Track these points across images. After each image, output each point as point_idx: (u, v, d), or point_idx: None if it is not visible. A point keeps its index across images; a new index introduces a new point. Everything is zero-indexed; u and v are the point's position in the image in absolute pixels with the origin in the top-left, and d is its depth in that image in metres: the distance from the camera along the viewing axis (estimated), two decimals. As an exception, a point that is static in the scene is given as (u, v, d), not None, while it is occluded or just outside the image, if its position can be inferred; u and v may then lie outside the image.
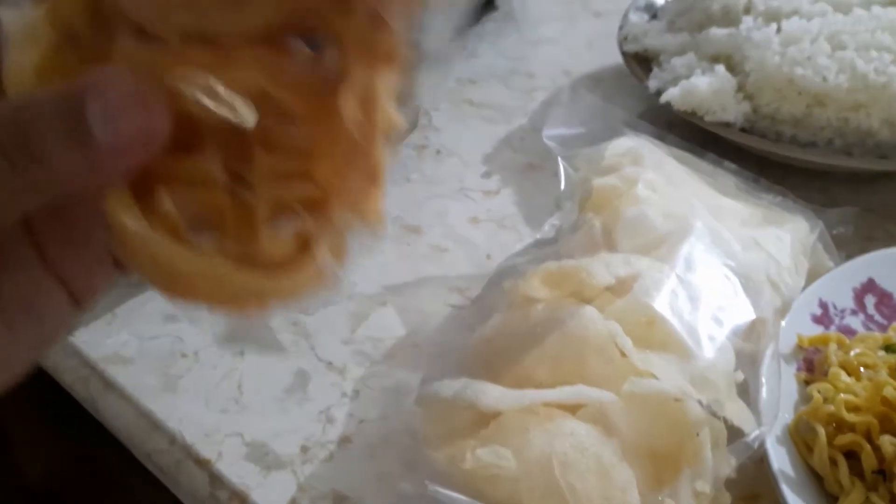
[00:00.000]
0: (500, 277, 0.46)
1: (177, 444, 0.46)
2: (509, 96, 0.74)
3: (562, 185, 0.52)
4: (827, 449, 0.39)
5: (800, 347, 0.45)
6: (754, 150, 0.60)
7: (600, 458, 0.36)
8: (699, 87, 0.60)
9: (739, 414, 0.39)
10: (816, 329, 0.46)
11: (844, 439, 0.39)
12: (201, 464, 0.45)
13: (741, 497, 0.40)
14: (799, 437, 0.41)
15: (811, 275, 0.48)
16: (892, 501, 0.37)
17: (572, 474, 0.36)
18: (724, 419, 0.38)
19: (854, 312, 0.48)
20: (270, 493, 0.43)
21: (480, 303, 0.46)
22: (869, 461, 0.38)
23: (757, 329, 0.42)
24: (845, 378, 0.42)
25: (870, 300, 0.48)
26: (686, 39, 0.66)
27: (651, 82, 0.65)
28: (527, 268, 0.45)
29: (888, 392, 0.39)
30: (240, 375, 0.49)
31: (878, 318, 0.48)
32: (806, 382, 0.44)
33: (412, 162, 0.66)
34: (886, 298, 0.48)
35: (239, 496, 0.43)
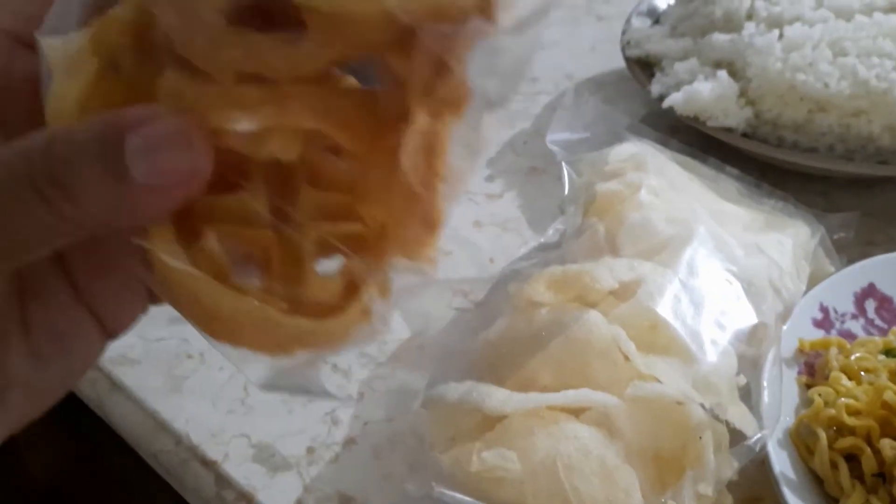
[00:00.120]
0: (505, 281, 0.46)
1: (183, 445, 0.47)
2: (512, 100, 0.75)
3: (565, 190, 0.53)
4: (828, 452, 0.39)
5: (801, 351, 0.46)
6: (756, 156, 0.60)
7: (604, 461, 0.37)
8: (701, 92, 0.60)
9: (741, 417, 0.39)
10: (817, 333, 0.47)
11: (845, 443, 0.40)
12: (207, 464, 0.46)
13: (743, 499, 0.40)
14: (800, 441, 0.41)
15: (812, 279, 0.49)
16: (892, 504, 0.38)
17: (576, 477, 0.36)
18: (726, 422, 0.39)
19: (855, 317, 0.48)
20: (276, 494, 0.44)
21: (485, 306, 0.46)
22: (869, 464, 0.39)
23: (759, 333, 0.42)
24: (846, 382, 0.42)
25: (870, 305, 0.49)
26: (688, 45, 0.67)
27: (654, 87, 0.65)
28: (531, 272, 0.45)
29: (888, 396, 0.39)
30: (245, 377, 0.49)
31: (879, 322, 0.48)
32: (807, 386, 0.44)
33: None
34: (887, 303, 0.49)
35: (245, 497, 0.44)
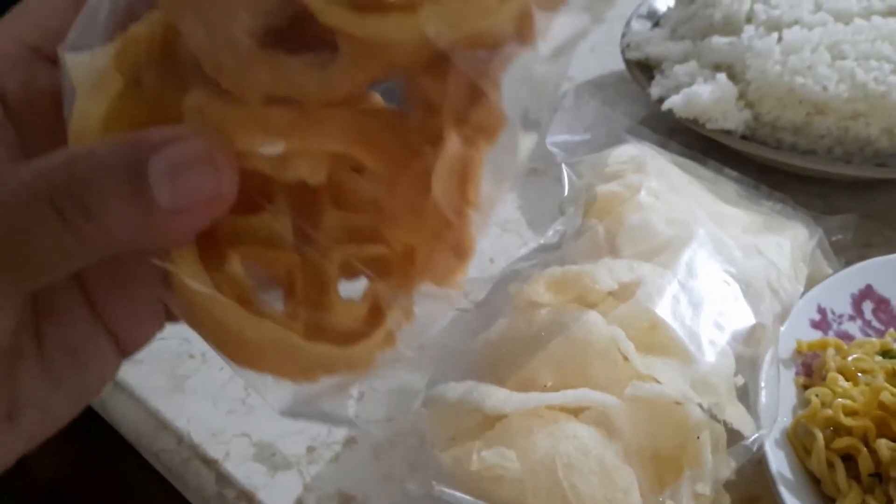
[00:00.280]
0: (505, 282, 0.46)
1: (184, 444, 0.47)
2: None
3: (565, 191, 0.53)
4: (824, 452, 0.40)
5: (798, 352, 0.46)
6: (755, 158, 0.61)
7: (603, 460, 0.37)
8: (701, 94, 0.60)
9: (739, 417, 0.39)
10: (815, 334, 0.47)
11: (842, 443, 0.40)
12: (209, 463, 0.46)
13: (740, 499, 0.41)
14: (797, 441, 0.42)
15: (810, 281, 0.49)
16: (888, 504, 0.38)
17: (575, 476, 0.36)
18: (724, 422, 0.39)
19: (852, 318, 0.48)
20: (277, 493, 0.44)
21: (485, 307, 0.47)
22: (865, 464, 0.39)
23: (757, 334, 0.43)
24: (843, 383, 0.42)
25: (867, 306, 0.49)
26: (688, 47, 0.67)
27: (653, 89, 0.66)
28: (531, 272, 0.45)
29: (885, 397, 0.40)
30: (247, 376, 0.49)
31: (876, 323, 0.49)
32: (804, 387, 0.45)
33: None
34: (884, 304, 0.49)
35: (246, 496, 0.44)
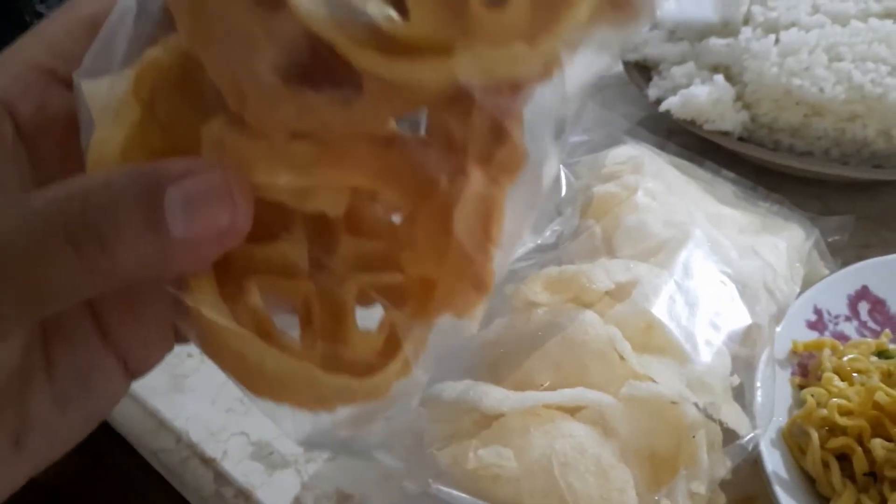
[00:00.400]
0: (502, 282, 0.47)
1: (183, 443, 0.47)
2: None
3: (563, 192, 0.53)
4: (819, 452, 0.40)
5: (795, 353, 0.46)
6: (752, 159, 0.61)
7: (599, 459, 0.37)
8: (698, 96, 0.61)
9: (735, 417, 0.40)
10: (811, 335, 0.47)
11: (837, 442, 0.40)
12: (207, 462, 0.46)
13: (736, 498, 0.41)
14: (792, 440, 0.42)
15: (806, 281, 0.49)
16: (882, 503, 0.38)
17: (572, 474, 0.37)
18: (719, 422, 0.39)
19: (848, 319, 0.49)
20: (275, 492, 0.44)
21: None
22: (860, 464, 0.39)
23: (752, 334, 0.43)
24: (838, 383, 0.43)
25: (863, 307, 0.49)
26: (686, 49, 0.67)
27: (651, 91, 0.66)
28: (528, 273, 0.46)
29: (879, 397, 0.40)
30: (246, 376, 0.49)
31: (872, 324, 0.49)
32: (800, 387, 0.45)
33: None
34: (879, 305, 0.49)
35: (244, 494, 0.44)
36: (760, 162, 0.61)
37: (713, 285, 0.44)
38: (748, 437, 0.39)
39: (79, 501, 0.75)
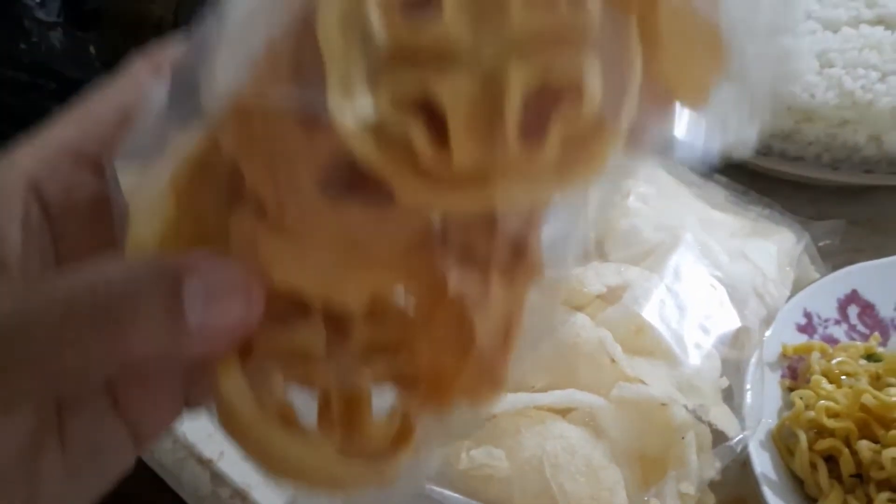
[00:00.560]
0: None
1: (179, 444, 0.48)
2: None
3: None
4: (808, 453, 0.41)
5: (784, 356, 0.47)
6: (744, 164, 0.61)
7: (589, 460, 0.38)
8: (691, 101, 0.61)
9: (724, 419, 0.40)
10: (801, 338, 0.48)
11: (824, 444, 0.41)
12: (204, 463, 0.46)
13: (725, 499, 0.41)
14: (782, 442, 0.42)
15: (797, 285, 0.50)
16: (868, 504, 0.39)
17: (562, 475, 0.37)
18: (709, 424, 0.40)
19: (837, 322, 0.49)
20: (271, 492, 0.45)
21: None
22: (847, 465, 0.40)
23: (742, 337, 0.43)
24: (826, 385, 0.43)
25: (853, 310, 0.50)
26: (680, 54, 0.68)
27: (645, 96, 0.66)
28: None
29: (866, 399, 0.40)
30: (242, 377, 0.50)
31: (861, 327, 0.49)
32: (790, 389, 0.45)
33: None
34: (869, 309, 0.50)
35: (240, 494, 0.45)
36: (753, 167, 0.61)
37: (703, 289, 0.44)
38: (737, 438, 0.40)
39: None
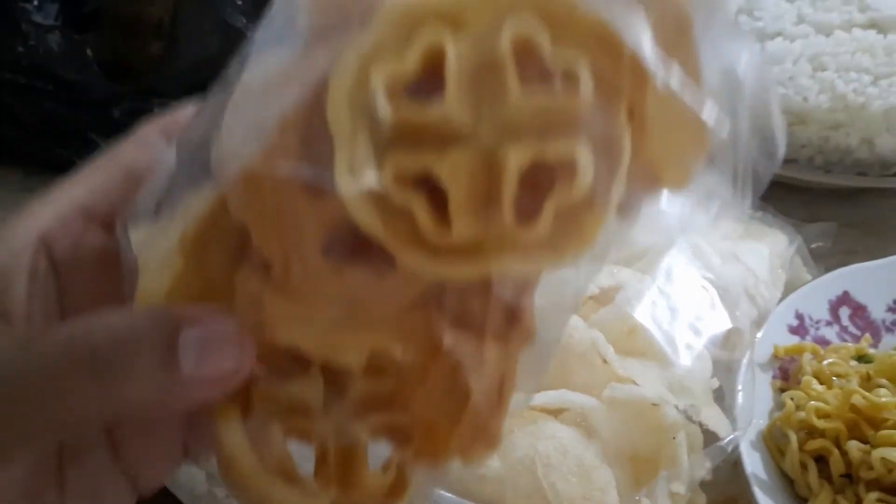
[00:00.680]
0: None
1: (176, 444, 0.48)
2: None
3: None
4: (798, 454, 0.41)
5: (776, 357, 0.47)
6: (738, 166, 0.62)
7: (581, 460, 0.38)
8: (685, 104, 0.61)
9: (715, 419, 0.40)
10: (792, 339, 0.48)
11: (814, 444, 0.41)
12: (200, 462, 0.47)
13: (716, 499, 0.42)
14: (772, 443, 0.43)
15: (789, 286, 0.50)
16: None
17: (554, 475, 0.37)
18: (700, 424, 0.40)
19: (829, 324, 0.50)
20: (266, 492, 0.45)
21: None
22: (837, 465, 0.40)
23: (733, 339, 0.44)
24: (817, 386, 0.44)
25: (844, 312, 0.50)
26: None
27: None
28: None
29: (856, 400, 0.41)
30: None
31: (852, 329, 0.50)
32: (781, 390, 0.46)
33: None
34: (860, 311, 0.50)
35: (236, 494, 0.45)
36: (746, 169, 0.62)
37: (694, 290, 0.45)
38: (728, 438, 0.40)
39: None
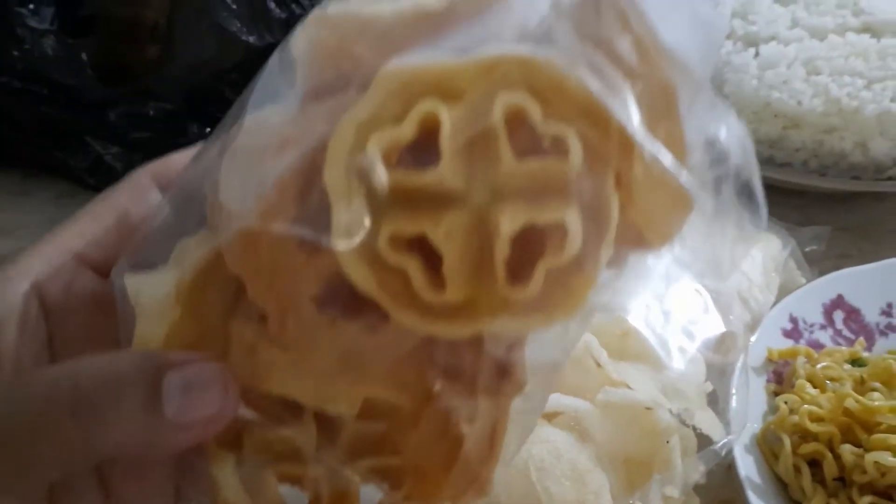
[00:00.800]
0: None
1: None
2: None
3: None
4: (791, 457, 0.41)
5: (770, 360, 0.47)
6: (732, 170, 0.62)
7: (575, 464, 0.38)
8: (680, 108, 0.62)
9: (708, 423, 0.40)
10: (786, 343, 0.48)
11: (808, 448, 0.41)
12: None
13: (710, 502, 0.42)
14: (766, 446, 0.43)
15: (783, 290, 0.50)
16: (850, 507, 0.39)
17: (548, 479, 0.37)
18: (693, 428, 0.40)
19: (823, 327, 0.50)
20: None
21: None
22: (830, 469, 0.40)
23: (726, 342, 0.44)
24: (811, 390, 0.44)
25: (838, 315, 0.50)
26: (669, 62, 0.69)
27: (635, 103, 0.67)
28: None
29: (850, 403, 0.41)
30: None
31: (846, 332, 0.50)
32: (775, 394, 0.46)
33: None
34: (854, 314, 0.50)
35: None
36: (741, 173, 0.62)
37: (688, 294, 0.44)
38: (722, 442, 0.40)
39: None
